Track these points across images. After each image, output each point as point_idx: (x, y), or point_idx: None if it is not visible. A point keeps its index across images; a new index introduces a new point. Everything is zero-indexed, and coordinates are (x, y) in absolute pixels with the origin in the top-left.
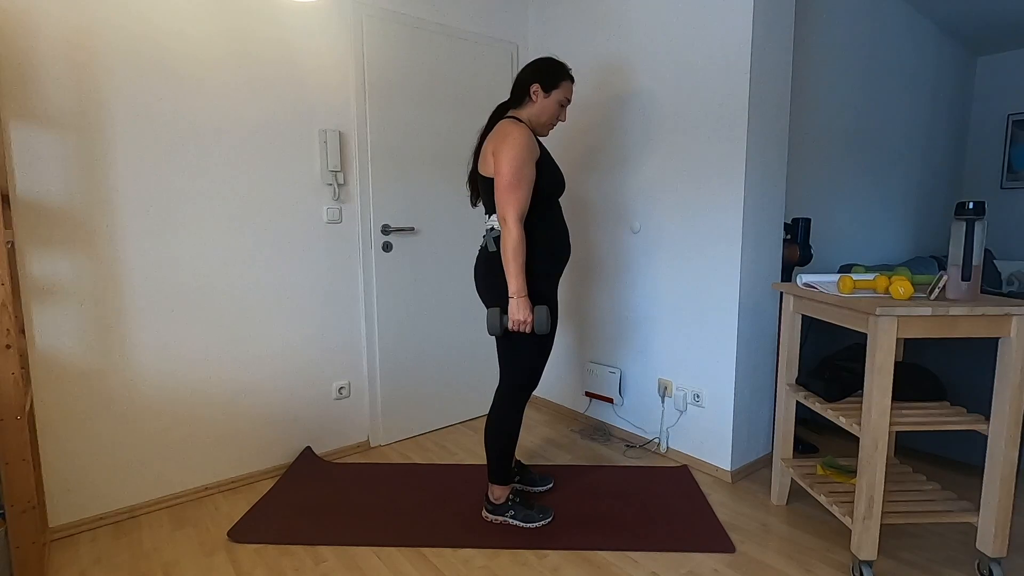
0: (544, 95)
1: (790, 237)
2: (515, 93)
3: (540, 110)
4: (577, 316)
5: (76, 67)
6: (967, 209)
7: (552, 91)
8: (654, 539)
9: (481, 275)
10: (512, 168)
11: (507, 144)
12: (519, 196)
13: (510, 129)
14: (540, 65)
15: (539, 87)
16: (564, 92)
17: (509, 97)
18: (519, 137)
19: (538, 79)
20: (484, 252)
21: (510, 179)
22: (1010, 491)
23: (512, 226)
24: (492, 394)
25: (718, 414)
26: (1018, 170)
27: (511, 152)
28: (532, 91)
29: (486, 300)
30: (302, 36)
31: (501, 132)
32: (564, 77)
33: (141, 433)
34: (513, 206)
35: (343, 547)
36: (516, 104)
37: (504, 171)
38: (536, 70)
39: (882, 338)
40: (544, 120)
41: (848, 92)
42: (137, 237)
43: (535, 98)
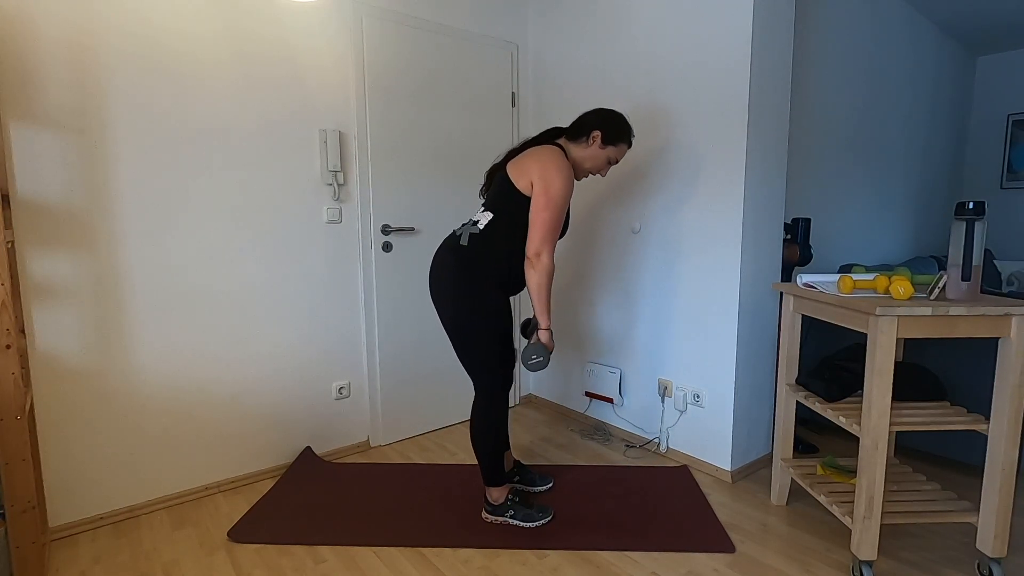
0: (601, 146)
1: (790, 237)
2: (574, 128)
3: (590, 156)
4: (577, 316)
5: (76, 67)
6: (967, 209)
7: (609, 146)
8: (654, 539)
9: (449, 267)
10: (554, 206)
11: (555, 180)
12: (555, 232)
13: (560, 163)
14: (611, 118)
15: (600, 136)
16: (618, 152)
17: (568, 126)
18: (567, 177)
19: (603, 128)
20: (454, 245)
21: (550, 215)
22: (1010, 491)
23: (546, 258)
24: None
25: (718, 414)
26: (1018, 170)
27: (555, 190)
28: (592, 135)
29: (444, 295)
30: (302, 36)
31: (552, 161)
32: (625, 140)
33: (141, 433)
34: (550, 241)
35: (343, 547)
36: (571, 138)
37: (546, 205)
38: (605, 119)
39: (882, 338)
40: (588, 167)
41: (848, 92)
42: (137, 237)
43: (591, 143)
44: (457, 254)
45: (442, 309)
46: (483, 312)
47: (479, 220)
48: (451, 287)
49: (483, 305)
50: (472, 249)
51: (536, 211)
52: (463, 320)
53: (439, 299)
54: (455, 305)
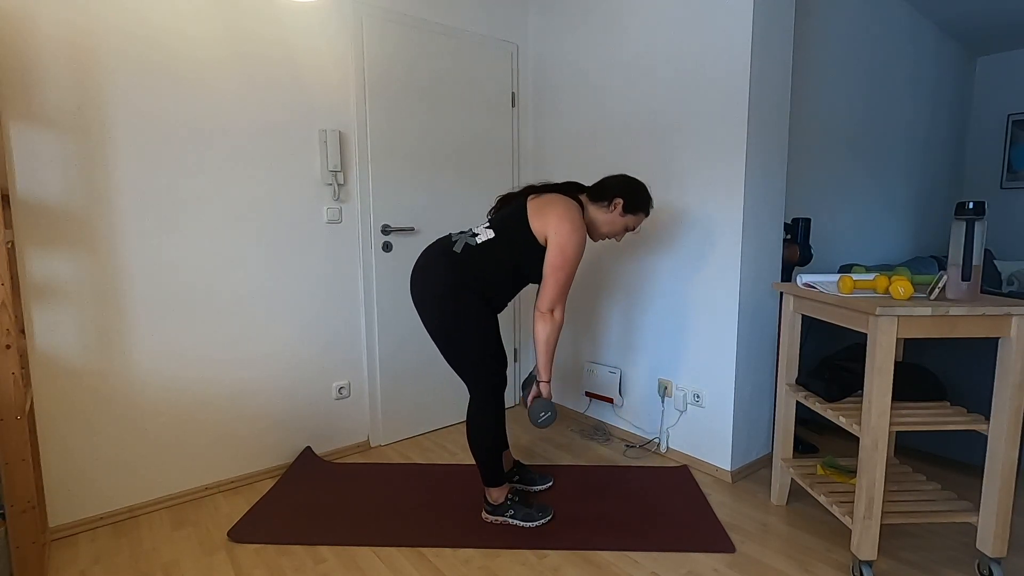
0: (621, 213)
1: (790, 237)
2: (597, 189)
3: (608, 221)
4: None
5: (76, 67)
6: (967, 209)
7: (628, 215)
8: (654, 539)
9: (437, 270)
10: (568, 268)
11: (575, 235)
12: (568, 285)
13: (578, 223)
14: (634, 187)
15: (622, 204)
16: (636, 221)
17: (591, 186)
18: (583, 234)
19: (625, 196)
20: (447, 250)
21: (564, 277)
22: (1010, 491)
23: (559, 314)
24: None
25: (718, 414)
26: (1018, 170)
27: (575, 245)
28: (614, 202)
29: (428, 297)
30: (302, 36)
31: (574, 217)
32: (644, 210)
33: (141, 433)
34: (563, 292)
35: (343, 547)
36: (592, 198)
37: (560, 266)
38: (628, 188)
39: (882, 338)
40: (604, 231)
41: (848, 92)
42: (137, 237)
43: (613, 209)
44: (449, 258)
45: (425, 312)
46: (467, 315)
47: (478, 234)
48: (437, 289)
49: (467, 309)
50: (463, 259)
51: (551, 269)
52: (448, 325)
53: (423, 301)
54: (440, 308)
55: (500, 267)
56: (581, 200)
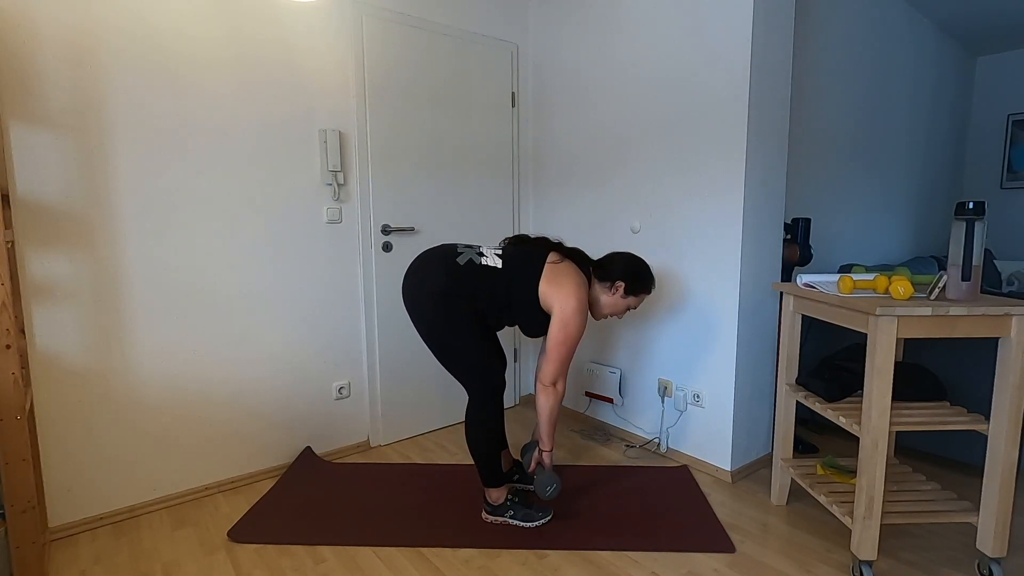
0: (623, 295)
1: (790, 237)
2: (602, 266)
3: (610, 302)
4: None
5: (76, 67)
6: (967, 209)
7: (630, 296)
8: (654, 539)
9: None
10: (573, 335)
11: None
12: (569, 359)
13: (584, 302)
14: (637, 270)
15: (623, 287)
16: (637, 301)
17: (597, 262)
18: (585, 315)
19: (627, 280)
20: (450, 258)
21: (566, 352)
22: (1010, 491)
23: (561, 386)
24: None
25: (718, 414)
26: (1018, 170)
27: (577, 324)
28: (616, 285)
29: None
30: (302, 36)
31: (580, 294)
32: (646, 291)
33: (141, 433)
34: (565, 364)
35: (343, 547)
36: (597, 275)
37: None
38: (631, 271)
39: (882, 338)
40: (606, 312)
41: (848, 92)
42: (137, 237)
43: (615, 291)
44: (449, 267)
45: (418, 316)
46: (459, 320)
47: (486, 257)
48: (433, 297)
49: (459, 314)
50: (465, 272)
51: (554, 343)
52: (441, 329)
53: (416, 304)
54: (433, 312)
55: (494, 296)
56: (589, 273)
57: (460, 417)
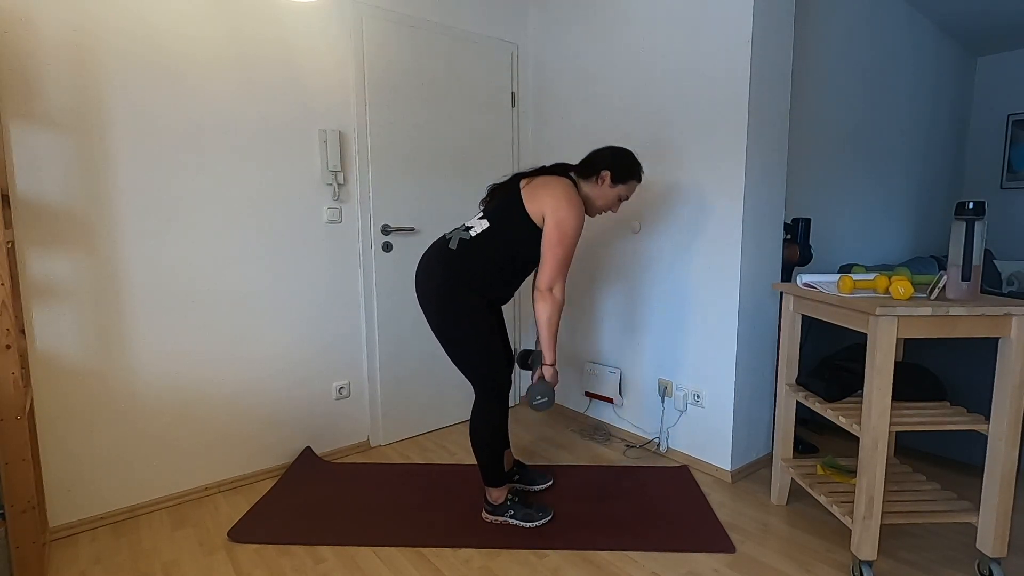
0: (611, 185)
1: (790, 237)
2: (584, 165)
3: (600, 195)
4: (577, 316)
5: (76, 67)
6: (967, 209)
7: (619, 185)
8: (654, 539)
9: (434, 273)
10: (566, 244)
11: (572, 211)
12: (567, 262)
13: (574, 201)
14: (619, 156)
15: (609, 176)
16: (628, 190)
17: (578, 163)
18: (578, 217)
19: (612, 168)
20: (443, 249)
21: (563, 253)
22: (1010, 491)
23: (558, 292)
24: None
25: (718, 414)
26: (1018, 170)
27: (572, 220)
28: (602, 175)
29: (430, 298)
30: (302, 36)
31: (566, 196)
32: (635, 177)
33: (141, 433)
34: (562, 277)
35: (343, 547)
36: (581, 175)
37: (558, 242)
38: (614, 158)
39: (882, 338)
40: (599, 205)
41: (848, 92)
42: (137, 237)
43: (601, 182)
44: (444, 259)
45: (428, 314)
46: (468, 318)
47: (472, 227)
48: (436, 293)
49: (466, 311)
50: (459, 254)
51: (549, 246)
52: (450, 327)
53: (425, 303)
54: (441, 312)
55: (497, 257)
56: (573, 178)
57: (460, 417)
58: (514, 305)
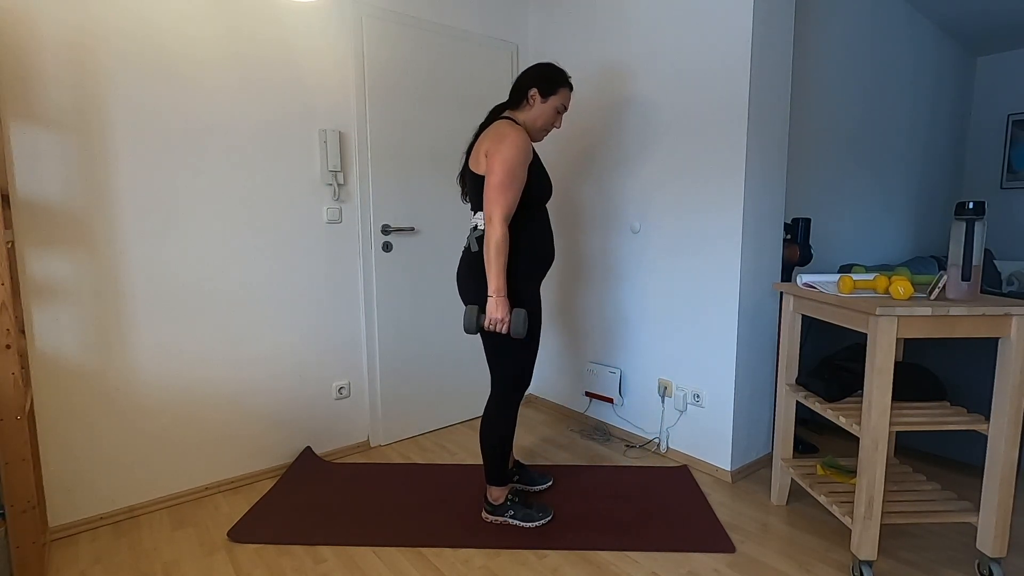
0: (542, 100)
1: (790, 237)
2: (513, 96)
3: (537, 115)
4: (577, 316)
5: (76, 67)
6: (967, 209)
7: (550, 97)
8: (654, 539)
9: (463, 276)
10: (505, 169)
11: (504, 145)
12: (508, 197)
13: (507, 131)
14: (540, 70)
15: (537, 92)
16: (562, 99)
17: (507, 99)
18: (515, 139)
19: (537, 84)
20: (467, 252)
21: (502, 178)
22: (1010, 491)
23: (497, 224)
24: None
25: (718, 414)
26: (1018, 170)
27: (506, 153)
28: (530, 95)
29: (466, 301)
30: (302, 36)
31: (497, 132)
32: (562, 84)
33: (141, 433)
34: (501, 205)
35: (343, 547)
36: (513, 106)
37: (496, 170)
38: (535, 75)
39: (882, 338)
40: (540, 125)
41: (848, 92)
42: (137, 237)
43: (532, 102)
44: (470, 262)
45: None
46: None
47: (477, 223)
48: (471, 293)
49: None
50: (480, 254)
51: (488, 188)
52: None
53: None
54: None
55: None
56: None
57: (460, 417)
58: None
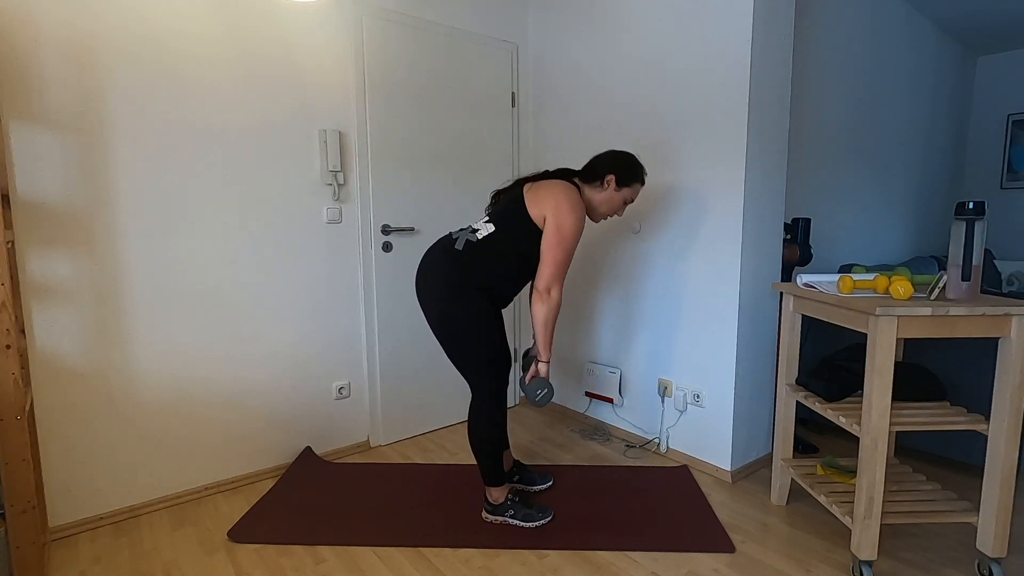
0: (616, 188)
1: (790, 237)
2: (588, 170)
3: (605, 199)
4: (577, 316)
5: (76, 67)
6: (967, 209)
7: (624, 188)
8: (654, 539)
9: (440, 270)
10: (569, 236)
11: (572, 214)
12: (566, 264)
13: (577, 201)
14: (623, 160)
15: (614, 179)
16: (633, 193)
17: (581, 169)
18: (580, 213)
19: (616, 171)
20: (449, 248)
21: (564, 246)
22: (1010, 491)
23: (556, 293)
24: None
25: (718, 414)
26: (1018, 170)
27: (572, 222)
28: (607, 179)
29: (432, 296)
30: (302, 36)
31: (570, 196)
32: (639, 180)
33: (141, 433)
34: (561, 271)
35: (343, 547)
36: (585, 180)
37: (563, 234)
38: (617, 162)
39: (882, 338)
40: (604, 210)
41: (848, 92)
42: (137, 237)
43: (606, 186)
44: (450, 257)
45: (429, 311)
46: (471, 316)
47: (479, 229)
48: (440, 290)
49: (471, 309)
50: (465, 255)
51: (548, 247)
52: (451, 325)
53: (426, 300)
54: (442, 309)
55: (503, 260)
56: (576, 183)
57: (460, 417)
58: (514, 307)
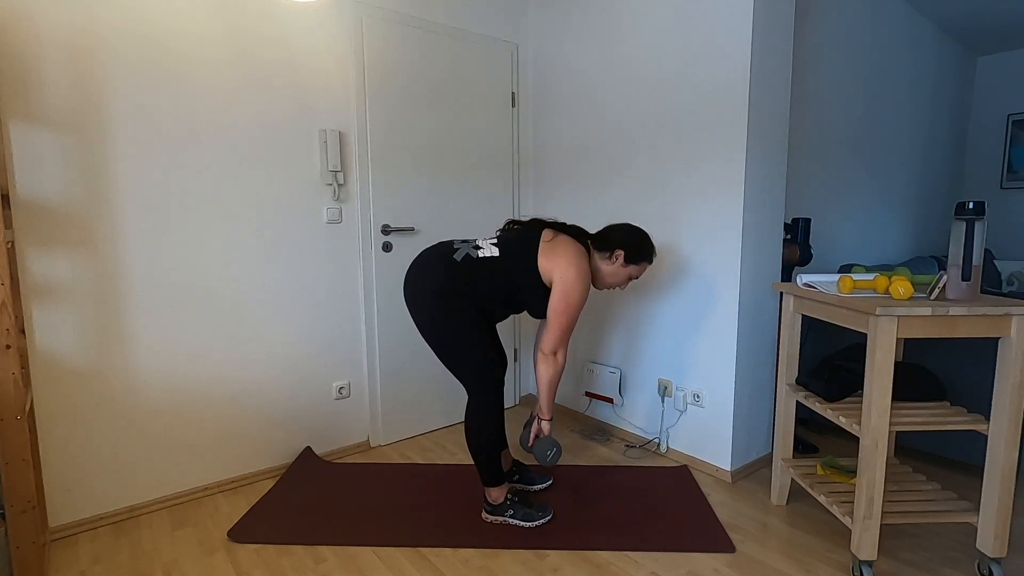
0: (623, 264)
1: (790, 237)
2: (601, 238)
3: (612, 272)
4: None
5: (76, 67)
6: (967, 209)
7: (631, 265)
8: (654, 539)
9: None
10: (574, 305)
11: (580, 283)
12: (571, 329)
13: (585, 270)
14: (635, 237)
15: (623, 255)
16: (639, 270)
17: (595, 234)
18: (587, 283)
19: (626, 248)
20: (448, 257)
21: (570, 313)
22: (1010, 491)
23: (561, 356)
24: None
25: (718, 414)
26: (1018, 170)
27: (578, 292)
28: (616, 254)
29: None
30: (302, 36)
31: (581, 264)
32: (647, 259)
33: (141, 433)
34: (566, 333)
35: (343, 547)
36: (596, 247)
37: (570, 302)
38: (629, 238)
39: (882, 338)
40: (608, 281)
41: (848, 92)
42: (137, 237)
43: (615, 260)
44: (447, 264)
45: (418, 314)
46: (459, 318)
47: (482, 248)
48: (432, 293)
49: (459, 312)
50: (463, 267)
51: (554, 314)
52: (441, 327)
53: (416, 302)
54: (432, 311)
55: (496, 286)
56: (588, 246)
57: (460, 417)
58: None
